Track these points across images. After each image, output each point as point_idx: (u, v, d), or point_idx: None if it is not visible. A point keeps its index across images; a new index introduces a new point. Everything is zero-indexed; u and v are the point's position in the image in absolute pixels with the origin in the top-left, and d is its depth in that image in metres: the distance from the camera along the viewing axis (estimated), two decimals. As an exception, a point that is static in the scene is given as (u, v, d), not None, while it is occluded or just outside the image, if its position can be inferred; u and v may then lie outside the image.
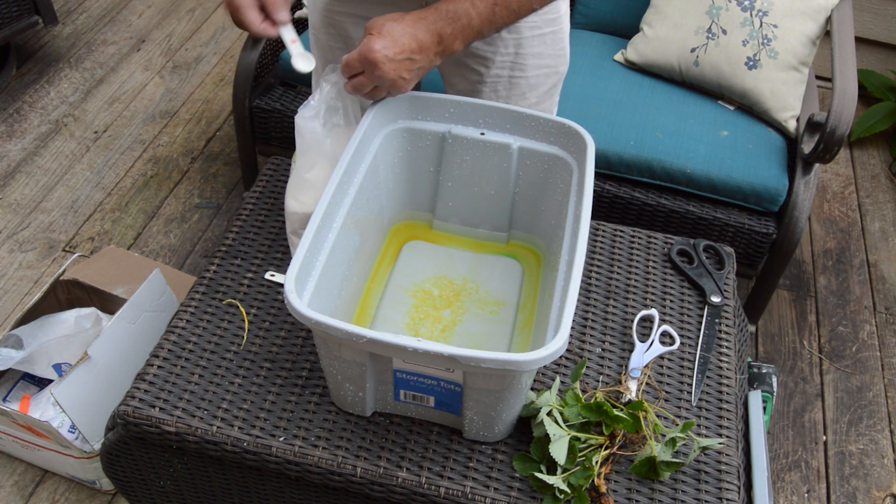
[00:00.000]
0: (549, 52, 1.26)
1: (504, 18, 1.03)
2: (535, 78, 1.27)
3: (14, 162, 2.32)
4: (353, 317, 1.09)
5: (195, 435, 0.98)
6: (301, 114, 1.05)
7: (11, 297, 1.96)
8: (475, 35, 1.03)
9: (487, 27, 1.03)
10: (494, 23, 1.03)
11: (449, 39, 1.02)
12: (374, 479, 0.95)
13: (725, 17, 1.87)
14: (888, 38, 2.69)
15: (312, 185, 1.09)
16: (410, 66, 1.01)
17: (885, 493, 1.74)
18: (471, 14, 1.01)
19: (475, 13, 1.01)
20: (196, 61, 2.76)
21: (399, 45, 0.99)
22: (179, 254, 2.11)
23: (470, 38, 1.03)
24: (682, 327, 1.15)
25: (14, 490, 1.60)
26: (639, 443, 0.99)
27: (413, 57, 1.01)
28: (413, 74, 1.03)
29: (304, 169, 1.09)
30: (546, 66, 1.27)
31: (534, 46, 1.24)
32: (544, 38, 1.24)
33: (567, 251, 0.98)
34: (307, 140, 1.07)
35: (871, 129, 2.54)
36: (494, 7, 1.01)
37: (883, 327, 2.08)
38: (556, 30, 1.25)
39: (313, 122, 1.06)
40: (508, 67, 1.25)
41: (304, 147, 1.07)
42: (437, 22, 1.01)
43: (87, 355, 1.38)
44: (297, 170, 1.09)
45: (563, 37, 1.27)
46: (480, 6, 1.01)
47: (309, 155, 1.08)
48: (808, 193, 1.75)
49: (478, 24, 1.02)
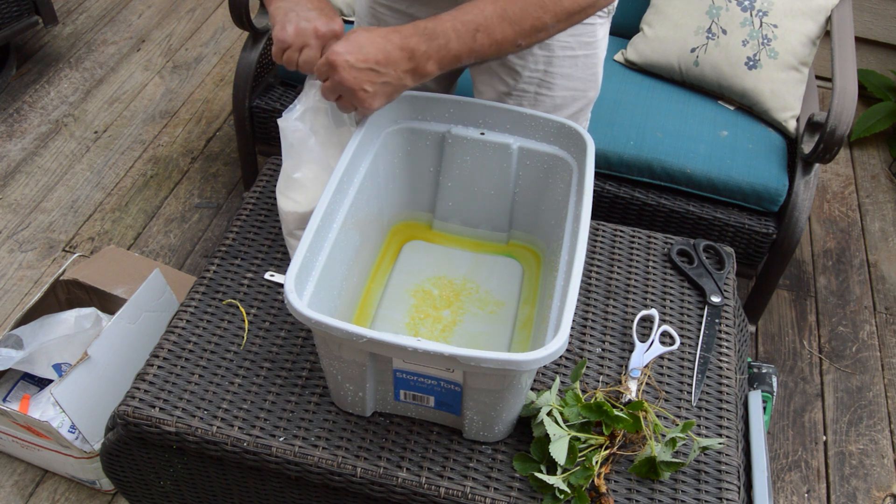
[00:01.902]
0: (580, 74, 1.23)
1: (485, 48, 0.97)
2: (561, 99, 1.24)
3: (14, 162, 2.32)
4: (353, 317, 1.09)
5: (195, 435, 0.98)
6: (284, 117, 1.05)
7: (11, 297, 1.96)
8: (452, 60, 0.98)
9: (467, 54, 0.97)
10: (475, 51, 0.97)
11: (422, 58, 0.96)
12: (374, 479, 0.95)
13: (725, 17, 1.87)
14: (888, 38, 2.68)
15: (301, 185, 1.09)
16: (374, 79, 0.96)
17: (885, 493, 1.74)
18: (449, 36, 0.96)
19: (454, 36, 0.96)
20: (196, 61, 2.76)
21: (363, 53, 0.95)
22: (179, 254, 2.11)
23: (445, 61, 0.97)
24: (682, 327, 1.15)
25: (14, 490, 1.60)
26: (639, 443, 0.99)
27: (377, 69, 0.96)
28: (378, 89, 0.98)
29: (291, 170, 1.09)
30: (574, 88, 1.24)
31: (564, 67, 1.21)
32: (576, 61, 1.22)
33: (567, 251, 0.98)
34: (290, 141, 1.07)
35: (871, 129, 2.54)
36: (476, 33, 0.96)
37: (883, 327, 2.08)
38: (589, 54, 1.22)
39: (295, 123, 1.05)
40: (536, 84, 1.23)
41: (289, 148, 1.07)
42: (411, 37, 0.96)
43: (87, 355, 1.38)
44: (285, 170, 1.09)
45: (596, 62, 1.24)
46: (461, 29, 0.96)
47: (294, 156, 1.08)
48: (808, 193, 1.75)
49: (456, 48, 0.97)
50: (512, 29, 0.97)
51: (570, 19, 1.00)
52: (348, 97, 0.99)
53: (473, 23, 0.96)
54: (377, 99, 0.99)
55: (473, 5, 0.97)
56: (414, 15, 1.21)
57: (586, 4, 1.00)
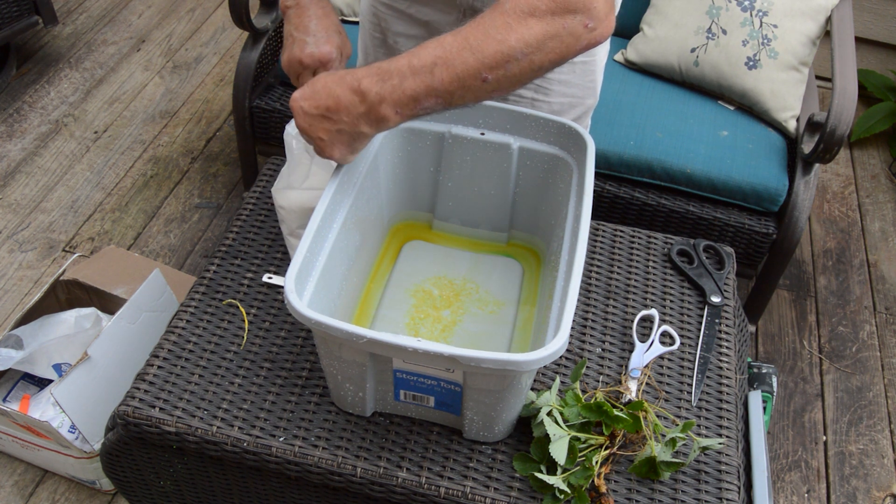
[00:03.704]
0: (578, 81, 1.21)
1: (446, 84, 0.85)
2: (558, 105, 1.23)
3: (14, 162, 2.32)
4: (353, 317, 1.09)
5: (195, 435, 0.98)
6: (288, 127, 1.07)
7: (11, 297, 1.96)
8: (408, 102, 0.86)
9: (425, 93, 0.86)
10: (434, 88, 0.85)
11: (374, 101, 0.87)
12: (374, 479, 0.95)
13: (725, 17, 1.87)
14: (888, 38, 2.69)
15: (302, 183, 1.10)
16: (328, 126, 0.90)
17: (885, 493, 1.74)
18: (404, 73, 0.85)
19: (409, 73, 0.85)
20: (196, 61, 2.76)
21: (315, 99, 0.89)
22: (179, 254, 2.11)
23: (402, 103, 0.87)
24: (682, 327, 1.15)
25: (14, 490, 1.60)
26: (639, 443, 0.99)
27: (329, 115, 0.89)
28: (333, 137, 0.90)
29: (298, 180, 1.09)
30: (572, 95, 1.23)
31: (562, 73, 1.20)
32: (573, 67, 1.20)
33: (567, 251, 0.98)
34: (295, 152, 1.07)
35: (871, 130, 2.54)
36: (433, 68, 0.85)
37: (883, 327, 2.08)
38: (587, 61, 1.20)
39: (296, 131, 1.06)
40: (532, 89, 1.21)
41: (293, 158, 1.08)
42: (363, 79, 0.87)
43: (87, 355, 1.38)
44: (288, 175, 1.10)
45: (594, 69, 1.22)
46: (417, 65, 0.85)
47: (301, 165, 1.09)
48: (808, 193, 1.75)
49: (412, 88, 0.85)
50: (474, 58, 0.84)
51: (542, 47, 0.85)
52: (313, 145, 0.94)
53: (431, 56, 0.85)
54: (335, 148, 0.92)
55: (434, 40, 0.87)
56: (413, 15, 1.21)
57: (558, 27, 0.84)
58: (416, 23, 1.21)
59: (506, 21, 0.84)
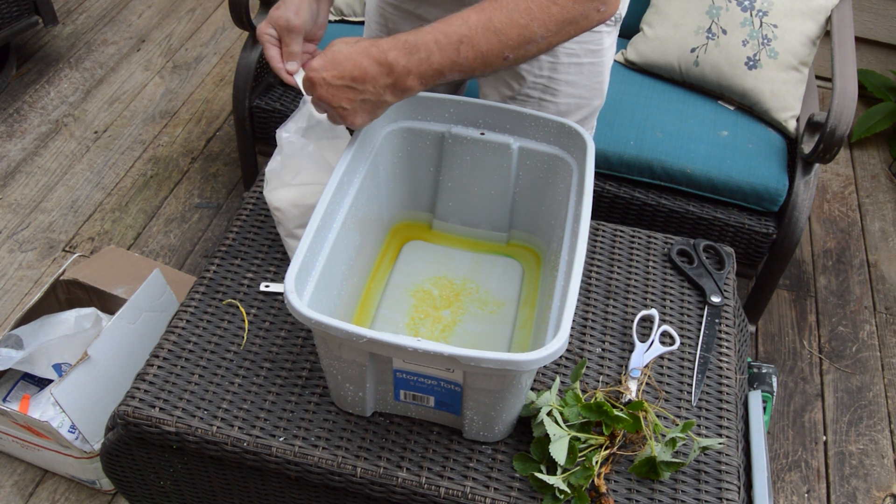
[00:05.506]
0: (585, 82, 1.22)
1: (470, 61, 0.92)
2: (565, 106, 1.23)
3: (14, 162, 2.32)
4: (353, 317, 1.09)
5: (195, 435, 0.98)
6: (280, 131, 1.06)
7: (11, 297, 1.96)
8: (434, 74, 0.92)
9: (450, 68, 0.92)
10: (459, 64, 0.92)
11: (401, 73, 0.91)
12: (374, 479, 0.95)
13: (725, 17, 1.87)
14: (888, 38, 2.68)
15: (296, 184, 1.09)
16: (352, 96, 0.93)
17: (885, 493, 1.74)
18: (431, 49, 0.91)
19: (436, 49, 0.91)
20: (196, 61, 2.76)
21: (338, 69, 0.91)
22: (179, 254, 2.11)
23: (427, 76, 0.92)
24: (682, 327, 1.15)
25: (14, 490, 1.60)
26: (639, 443, 0.99)
27: (353, 85, 0.92)
28: (356, 106, 0.94)
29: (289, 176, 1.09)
30: (579, 96, 1.23)
31: (569, 74, 1.20)
32: (581, 68, 1.20)
33: (567, 251, 0.98)
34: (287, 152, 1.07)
35: (871, 130, 2.54)
36: (459, 45, 0.91)
37: (883, 327, 2.08)
38: (594, 62, 1.21)
39: (288, 134, 1.06)
40: (540, 89, 1.21)
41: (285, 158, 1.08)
42: (390, 51, 0.91)
43: (87, 355, 1.38)
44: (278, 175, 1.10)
45: (601, 70, 1.23)
46: (444, 42, 0.91)
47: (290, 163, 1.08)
48: (808, 193, 1.75)
49: (438, 62, 0.91)
50: (498, 39, 0.91)
51: (561, 31, 0.93)
52: (330, 114, 0.97)
53: (457, 34, 0.91)
54: (358, 116, 0.96)
55: (457, 16, 0.92)
56: (422, 16, 1.20)
57: (577, 14, 0.92)
58: (425, 23, 1.21)
59: (528, 7, 0.91)
